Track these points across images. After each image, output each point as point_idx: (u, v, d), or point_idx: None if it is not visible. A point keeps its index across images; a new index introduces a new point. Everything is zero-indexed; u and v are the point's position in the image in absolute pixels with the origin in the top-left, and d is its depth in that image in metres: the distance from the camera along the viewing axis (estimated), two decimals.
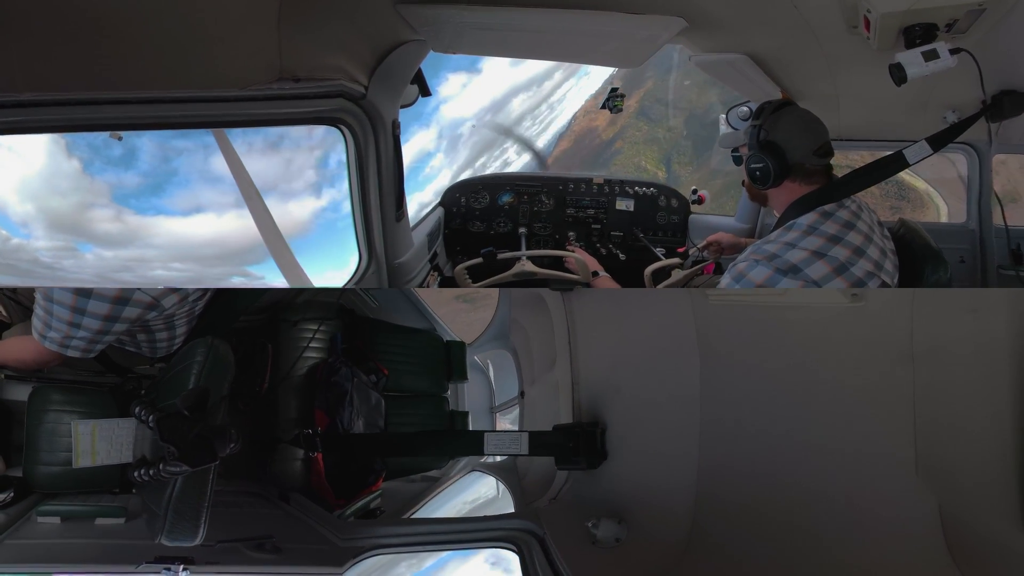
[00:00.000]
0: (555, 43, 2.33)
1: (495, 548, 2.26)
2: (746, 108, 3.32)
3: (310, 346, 2.83)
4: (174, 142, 2.68)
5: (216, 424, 1.86)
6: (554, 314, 2.83)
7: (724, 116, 3.47)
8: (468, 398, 3.56)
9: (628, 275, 3.45)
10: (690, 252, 3.21)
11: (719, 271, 3.14)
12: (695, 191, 3.83)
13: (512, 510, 2.57)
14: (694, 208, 3.88)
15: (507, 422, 3.48)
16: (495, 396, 3.64)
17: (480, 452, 2.67)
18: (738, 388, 2.28)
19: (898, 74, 1.92)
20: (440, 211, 3.84)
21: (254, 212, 2.53)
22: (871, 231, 1.98)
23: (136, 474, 1.95)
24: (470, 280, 3.36)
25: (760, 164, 2.01)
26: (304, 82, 2.03)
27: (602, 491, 2.44)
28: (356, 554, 2.27)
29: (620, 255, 3.84)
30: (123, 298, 1.99)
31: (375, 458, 2.90)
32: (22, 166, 2.53)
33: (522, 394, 3.39)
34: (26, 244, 2.66)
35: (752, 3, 2.13)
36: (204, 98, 1.92)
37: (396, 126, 2.46)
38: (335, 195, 2.57)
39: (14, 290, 2.47)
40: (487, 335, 3.60)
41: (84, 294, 1.96)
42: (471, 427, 3.43)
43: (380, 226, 2.51)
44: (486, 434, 2.64)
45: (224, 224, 2.78)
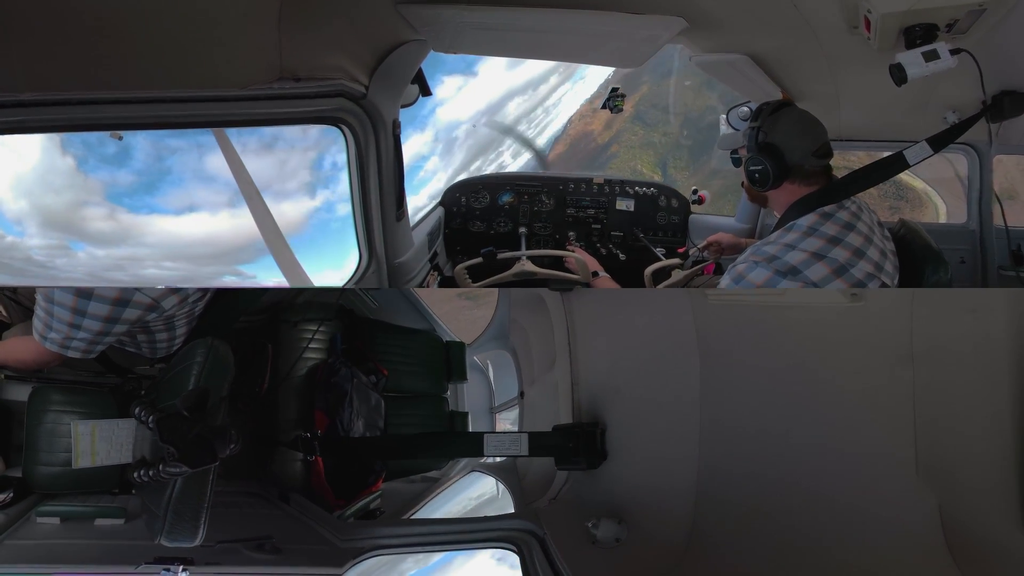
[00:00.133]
0: (556, 43, 2.33)
1: (495, 548, 2.26)
2: (746, 108, 3.31)
3: (310, 347, 2.82)
4: (168, 141, 2.67)
5: (216, 425, 1.85)
6: (554, 314, 2.83)
7: (725, 116, 3.46)
8: (468, 399, 3.56)
9: (628, 275, 3.44)
10: (690, 252, 3.21)
11: (719, 272, 3.14)
12: (695, 191, 3.83)
13: (512, 510, 2.56)
14: (694, 208, 3.87)
15: (507, 423, 3.48)
16: (495, 396, 3.64)
17: (480, 453, 2.66)
18: (738, 388, 2.28)
19: (898, 74, 1.91)
20: (440, 211, 3.83)
21: (254, 211, 2.52)
22: (871, 232, 1.98)
23: (136, 475, 1.95)
24: (470, 280, 3.36)
25: (759, 166, 2.01)
26: (304, 81, 2.03)
27: (602, 491, 2.44)
28: (356, 555, 2.27)
29: (620, 255, 3.84)
30: (123, 299, 1.99)
31: (375, 459, 2.90)
32: (16, 163, 2.52)
33: (522, 394, 3.39)
34: (19, 242, 2.65)
35: (752, 3, 2.13)
36: (204, 98, 1.91)
37: (396, 126, 2.46)
38: (335, 194, 2.57)
39: (14, 291, 2.47)
40: (487, 335, 3.60)
41: (85, 295, 1.96)
42: (471, 428, 3.43)
43: (380, 225, 2.51)
44: (486, 435, 2.63)
45: (217, 223, 2.77)
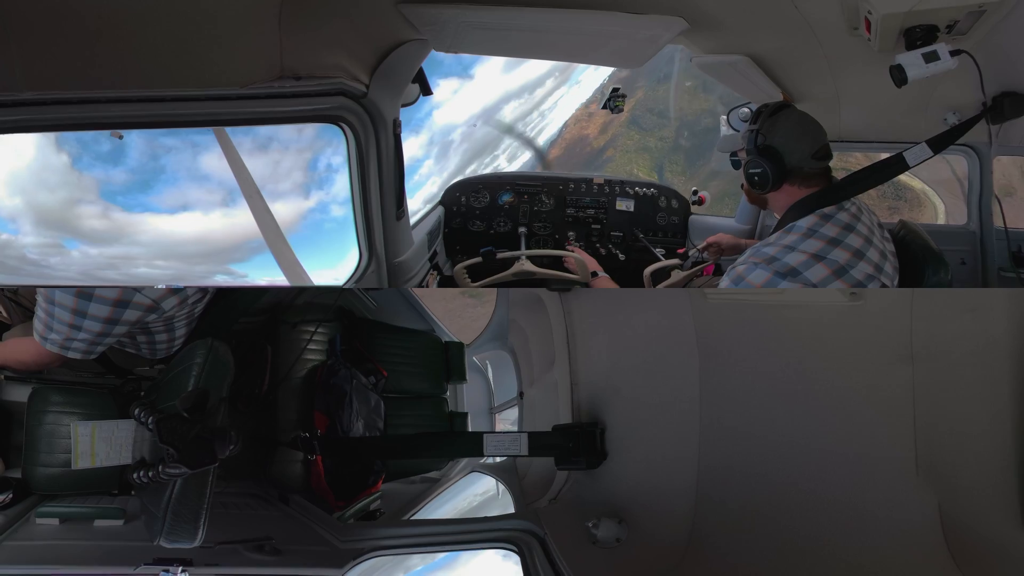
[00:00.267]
0: (557, 43, 2.32)
1: (496, 548, 2.25)
2: (747, 109, 3.31)
3: (309, 348, 2.82)
4: (162, 139, 2.67)
5: (215, 426, 1.85)
6: (552, 314, 2.82)
7: (725, 117, 3.46)
8: (467, 399, 3.55)
9: (627, 275, 3.45)
10: (690, 253, 3.21)
11: (719, 273, 3.14)
12: (695, 192, 3.83)
13: (512, 511, 2.56)
14: (694, 209, 3.88)
15: (506, 423, 3.48)
16: (494, 397, 3.64)
17: (480, 453, 2.65)
18: (738, 388, 2.28)
19: (899, 75, 1.91)
20: (440, 210, 3.83)
21: (255, 210, 2.52)
22: (871, 233, 1.98)
23: (135, 475, 1.94)
24: (469, 279, 3.36)
25: (758, 169, 2.01)
26: (305, 80, 2.02)
27: (602, 491, 2.43)
28: (356, 555, 2.27)
29: (620, 255, 3.84)
30: (124, 300, 1.98)
31: (375, 460, 2.89)
32: (11, 161, 2.51)
33: (521, 395, 3.39)
34: (13, 240, 2.65)
35: (753, 4, 2.13)
36: (205, 96, 1.91)
37: (397, 125, 2.46)
38: (335, 193, 2.57)
39: (15, 291, 2.46)
40: (486, 336, 3.59)
41: (85, 296, 1.95)
42: (470, 428, 3.43)
43: (380, 224, 2.50)
44: (485, 435, 2.63)
45: (208, 222, 2.77)
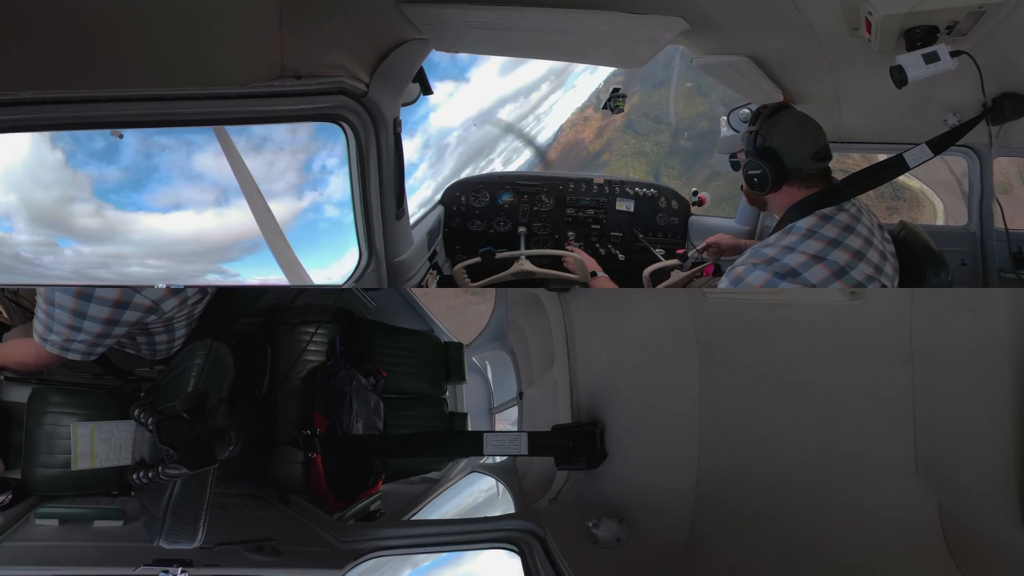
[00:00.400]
0: (557, 43, 2.32)
1: (496, 548, 2.25)
2: (747, 111, 3.31)
3: (308, 348, 2.81)
4: (156, 138, 2.67)
5: (215, 426, 1.85)
6: (552, 314, 2.82)
7: (725, 118, 3.46)
8: (467, 399, 3.55)
9: (627, 276, 3.45)
10: (689, 254, 3.21)
11: (718, 273, 3.14)
12: (695, 192, 3.83)
13: (512, 511, 2.56)
14: (694, 210, 3.88)
15: (506, 423, 3.48)
16: (494, 397, 3.64)
17: (479, 452, 2.65)
18: (738, 388, 2.28)
19: (899, 76, 1.91)
20: (440, 209, 3.83)
21: (255, 209, 2.52)
22: (871, 234, 1.98)
23: (135, 476, 1.94)
24: (469, 279, 3.35)
25: (758, 171, 2.01)
26: (305, 79, 2.02)
27: (602, 491, 2.43)
28: (356, 556, 2.26)
29: (619, 255, 3.84)
30: (123, 301, 1.98)
31: (374, 460, 2.89)
32: (6, 159, 2.51)
33: (521, 395, 3.39)
34: (7, 238, 2.64)
35: (754, 5, 2.13)
36: (205, 95, 1.91)
37: (397, 124, 2.45)
38: (335, 192, 2.57)
39: (16, 292, 2.46)
40: (485, 336, 3.59)
41: (85, 297, 1.95)
42: (470, 428, 3.43)
43: (380, 223, 2.50)
44: (485, 434, 2.62)
45: (200, 221, 2.77)
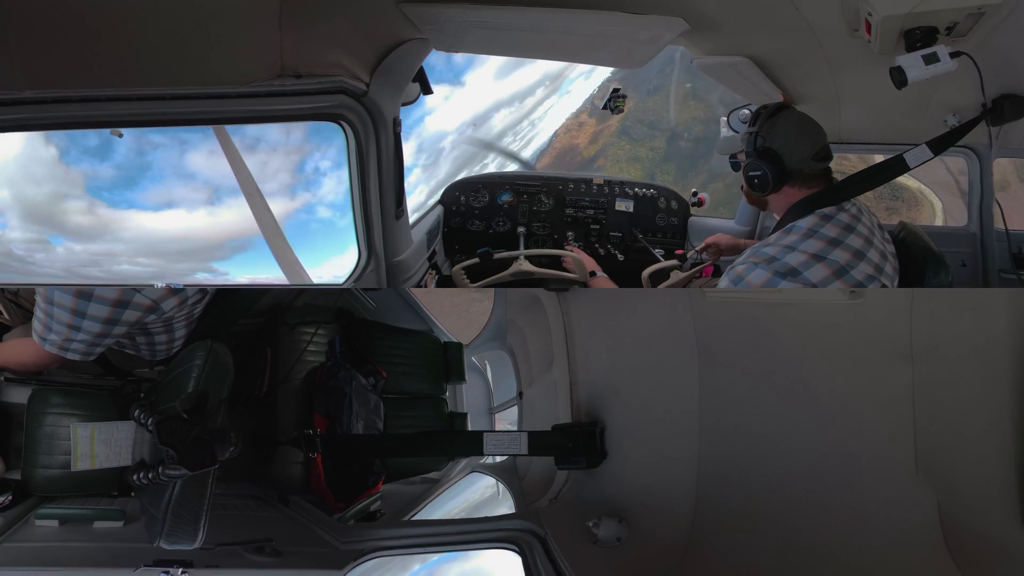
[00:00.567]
0: (557, 43, 2.32)
1: (496, 548, 2.25)
2: (747, 111, 3.30)
3: (308, 349, 2.81)
4: (149, 136, 2.66)
5: (215, 427, 1.85)
6: (551, 314, 2.82)
7: (725, 119, 3.46)
8: (466, 399, 3.55)
9: (626, 276, 3.45)
10: (688, 255, 3.21)
11: (717, 274, 3.14)
12: (695, 193, 3.83)
13: (513, 510, 2.56)
14: (694, 211, 3.88)
15: (506, 423, 3.48)
16: (493, 397, 3.64)
17: (480, 452, 2.66)
18: (738, 387, 2.28)
19: (899, 77, 1.91)
20: (439, 209, 3.83)
21: (254, 208, 2.52)
22: (871, 234, 1.98)
23: (135, 477, 1.94)
24: (468, 280, 3.35)
25: (758, 171, 2.01)
26: (305, 78, 2.02)
27: (602, 491, 2.44)
28: (356, 556, 2.26)
29: (619, 256, 3.84)
30: (123, 301, 1.97)
31: (375, 460, 2.89)
32: (3, 158, 2.51)
33: (520, 395, 3.39)
34: (1, 235, 2.64)
35: (754, 6, 2.13)
36: (205, 95, 1.91)
37: (397, 123, 2.45)
38: (335, 191, 2.56)
39: (16, 293, 2.46)
40: (485, 336, 3.59)
41: (85, 297, 1.94)
42: (470, 428, 3.42)
43: (380, 223, 2.50)
44: (485, 434, 2.63)
45: (192, 220, 2.77)
